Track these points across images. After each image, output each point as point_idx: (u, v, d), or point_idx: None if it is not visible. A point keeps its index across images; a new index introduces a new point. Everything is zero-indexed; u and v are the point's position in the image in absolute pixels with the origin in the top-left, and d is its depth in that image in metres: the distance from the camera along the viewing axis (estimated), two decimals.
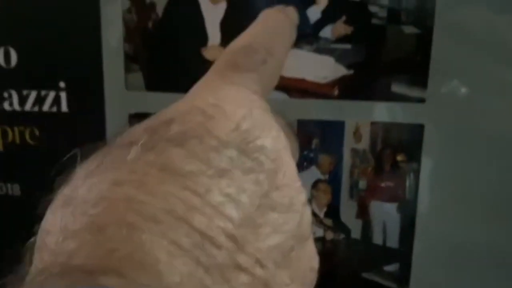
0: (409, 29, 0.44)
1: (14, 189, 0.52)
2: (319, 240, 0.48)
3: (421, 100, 0.45)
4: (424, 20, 0.43)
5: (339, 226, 0.48)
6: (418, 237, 0.47)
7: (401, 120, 0.46)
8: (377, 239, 0.47)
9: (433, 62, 0.44)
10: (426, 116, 0.45)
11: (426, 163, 0.45)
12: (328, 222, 0.47)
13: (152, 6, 0.46)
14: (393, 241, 0.47)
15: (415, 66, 0.44)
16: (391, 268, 0.48)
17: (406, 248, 0.47)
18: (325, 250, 0.48)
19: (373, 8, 0.43)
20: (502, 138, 0.46)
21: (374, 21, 0.43)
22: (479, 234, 0.47)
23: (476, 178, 0.46)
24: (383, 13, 0.43)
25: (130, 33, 0.47)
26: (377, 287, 0.49)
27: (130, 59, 0.48)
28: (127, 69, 0.48)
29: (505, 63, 0.45)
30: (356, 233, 0.48)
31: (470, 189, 0.46)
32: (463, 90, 0.45)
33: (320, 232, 0.48)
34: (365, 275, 0.49)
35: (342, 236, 0.48)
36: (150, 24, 0.47)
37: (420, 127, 0.45)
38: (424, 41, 0.43)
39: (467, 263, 0.47)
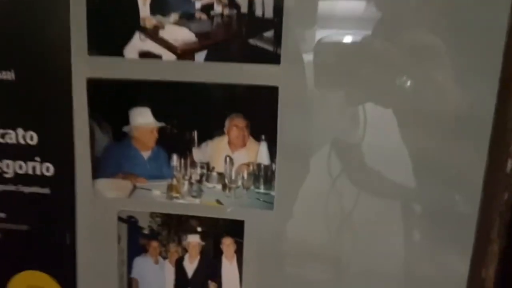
0: None
1: None
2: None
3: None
4: None
5: (232, 3, 0.67)
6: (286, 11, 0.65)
7: None
8: (259, 12, 0.66)
9: None
10: None
11: None
12: (225, 1, 0.67)
13: None
14: (269, 13, 0.66)
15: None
16: (268, 34, 0.66)
17: (279, 18, 0.66)
18: (224, 23, 0.67)
19: None
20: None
21: None
22: None
23: None
24: None
25: None
26: (259, 50, 0.67)
27: None
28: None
29: None
30: (244, 9, 0.67)
31: None
32: None
33: (219, 9, 0.67)
34: (250, 41, 0.66)
35: (234, 11, 0.67)
36: None
37: None
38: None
39: None
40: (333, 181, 0.68)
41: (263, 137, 0.68)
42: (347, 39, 0.64)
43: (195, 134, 0.70)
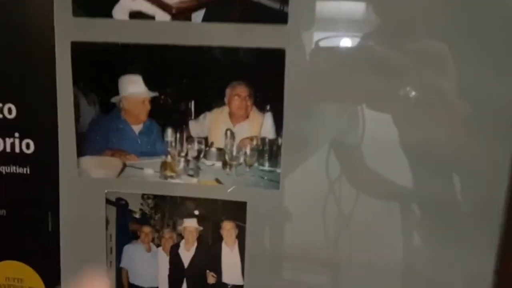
0: None
1: None
2: None
3: None
4: None
5: None
6: None
7: None
8: None
9: None
10: None
11: None
12: None
13: None
14: None
15: None
16: None
17: None
18: None
19: None
20: None
21: None
22: None
23: None
24: None
25: None
26: (264, 8, 0.60)
27: None
28: None
29: None
30: None
31: None
32: None
33: None
34: None
35: None
36: None
37: None
38: None
39: None
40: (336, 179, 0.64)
41: (268, 107, 0.64)
42: (346, 42, 0.61)
43: (192, 105, 0.65)
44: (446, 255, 0.63)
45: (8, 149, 0.69)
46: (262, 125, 0.64)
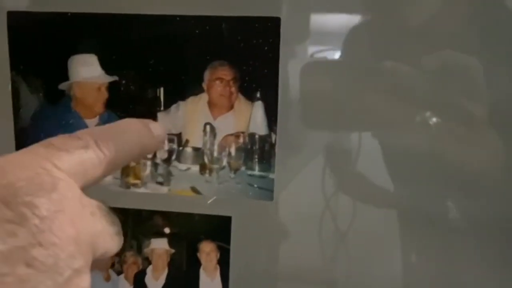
0: None
1: None
2: None
3: None
4: None
5: None
6: None
7: None
8: None
9: None
10: None
11: None
12: None
13: None
14: None
15: None
16: None
17: None
18: None
19: None
20: None
21: None
22: None
23: None
24: None
25: None
26: None
27: None
28: None
29: None
30: None
31: None
32: None
33: None
34: None
35: None
36: None
37: None
38: None
39: None
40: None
41: (258, 94, 0.54)
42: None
43: (161, 92, 0.57)
44: (450, 274, 0.58)
45: None
46: (251, 117, 0.55)
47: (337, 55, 0.53)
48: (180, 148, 0.57)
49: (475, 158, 0.55)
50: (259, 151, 0.55)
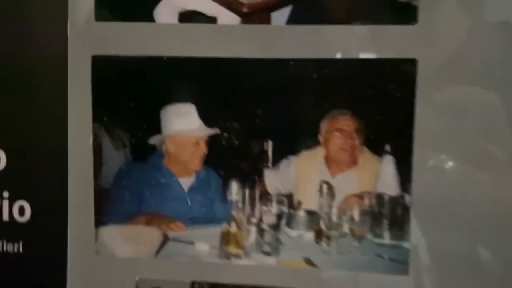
0: None
1: None
2: None
3: None
4: None
5: None
6: None
7: None
8: None
9: None
10: None
11: None
12: None
13: None
14: None
15: None
16: None
17: None
18: None
19: None
20: None
21: None
22: None
23: None
24: None
25: None
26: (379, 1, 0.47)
27: None
28: None
29: None
30: None
31: None
32: None
33: None
34: None
35: None
36: None
37: None
38: None
39: None
40: None
41: (387, 148, 0.51)
42: None
43: (269, 145, 0.54)
44: None
45: None
46: (379, 175, 0.51)
47: None
48: (291, 211, 0.53)
49: (502, 200, 0.49)
50: (390, 215, 0.51)
